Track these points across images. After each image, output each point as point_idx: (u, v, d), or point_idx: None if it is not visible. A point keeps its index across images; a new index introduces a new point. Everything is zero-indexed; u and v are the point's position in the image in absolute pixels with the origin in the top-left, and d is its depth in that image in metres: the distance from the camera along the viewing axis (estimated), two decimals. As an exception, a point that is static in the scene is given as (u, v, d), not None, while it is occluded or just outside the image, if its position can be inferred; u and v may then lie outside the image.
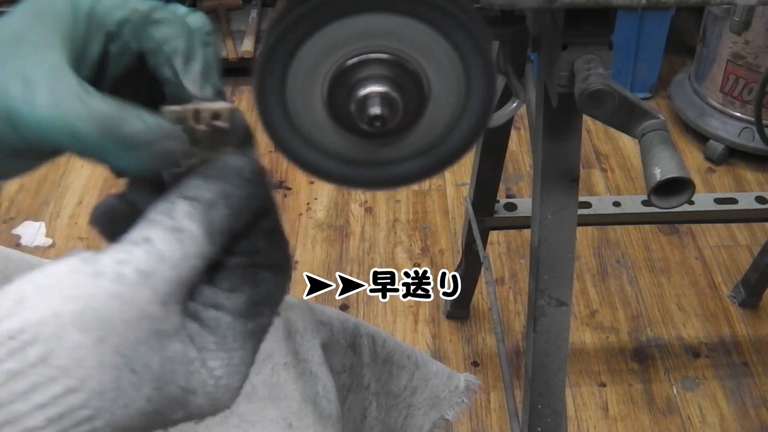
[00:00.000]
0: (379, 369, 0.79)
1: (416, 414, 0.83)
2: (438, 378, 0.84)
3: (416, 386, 0.83)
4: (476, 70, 0.36)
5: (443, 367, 0.86)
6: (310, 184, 2.05)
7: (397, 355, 0.81)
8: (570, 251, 0.86)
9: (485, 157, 1.31)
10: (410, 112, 0.37)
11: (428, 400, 0.84)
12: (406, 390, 0.82)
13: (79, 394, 0.28)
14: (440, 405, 0.84)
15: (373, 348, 0.79)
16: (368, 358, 0.78)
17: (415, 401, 0.83)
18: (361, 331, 0.78)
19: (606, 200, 1.42)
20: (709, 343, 1.64)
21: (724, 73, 2.01)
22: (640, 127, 0.69)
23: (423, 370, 0.83)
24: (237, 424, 0.63)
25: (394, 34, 0.35)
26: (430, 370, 0.84)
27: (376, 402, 0.80)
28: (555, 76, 0.73)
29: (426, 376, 0.83)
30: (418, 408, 0.83)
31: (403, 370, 0.81)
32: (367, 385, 0.79)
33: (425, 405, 0.83)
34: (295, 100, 0.37)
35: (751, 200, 1.44)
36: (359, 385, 0.78)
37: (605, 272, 1.80)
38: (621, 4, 0.66)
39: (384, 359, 0.80)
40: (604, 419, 1.51)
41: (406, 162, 0.39)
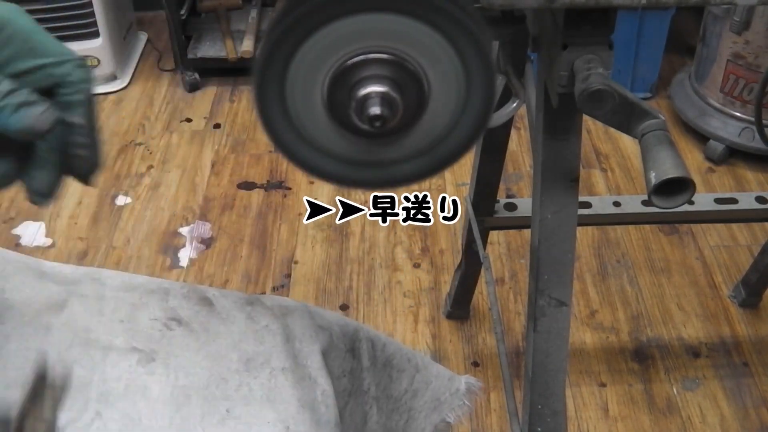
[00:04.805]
0: (379, 373, 0.79)
1: (417, 417, 0.83)
2: (439, 381, 0.84)
3: (417, 389, 0.82)
4: (476, 70, 0.36)
5: (444, 370, 0.86)
6: (310, 184, 2.05)
7: (397, 359, 0.81)
8: (570, 251, 0.86)
9: (485, 157, 1.31)
10: (410, 112, 0.37)
11: (429, 403, 0.83)
12: (407, 393, 0.82)
13: None
14: (441, 408, 0.84)
15: (372, 352, 0.78)
16: (368, 362, 0.78)
17: (416, 404, 0.83)
18: (361, 335, 0.78)
19: (606, 200, 1.42)
20: (709, 343, 1.64)
21: (724, 73, 2.01)
22: (641, 127, 0.69)
23: (423, 373, 0.83)
24: (234, 426, 0.63)
25: (394, 35, 0.35)
26: (430, 373, 0.84)
27: (376, 406, 0.80)
28: (555, 76, 0.73)
29: (427, 379, 0.83)
30: (419, 411, 0.83)
31: (404, 374, 0.81)
32: (368, 390, 0.78)
33: (426, 408, 0.83)
34: (294, 100, 0.37)
35: (751, 200, 1.44)
36: (359, 390, 0.78)
37: (605, 272, 1.80)
38: (621, 4, 0.66)
39: (384, 363, 0.80)
40: (604, 419, 1.51)
41: (406, 162, 0.39)
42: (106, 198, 2.04)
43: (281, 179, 2.08)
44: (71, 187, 2.06)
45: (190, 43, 2.44)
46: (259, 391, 0.65)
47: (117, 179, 2.10)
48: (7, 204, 2.02)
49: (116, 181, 2.09)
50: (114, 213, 2.00)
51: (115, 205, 2.02)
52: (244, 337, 0.69)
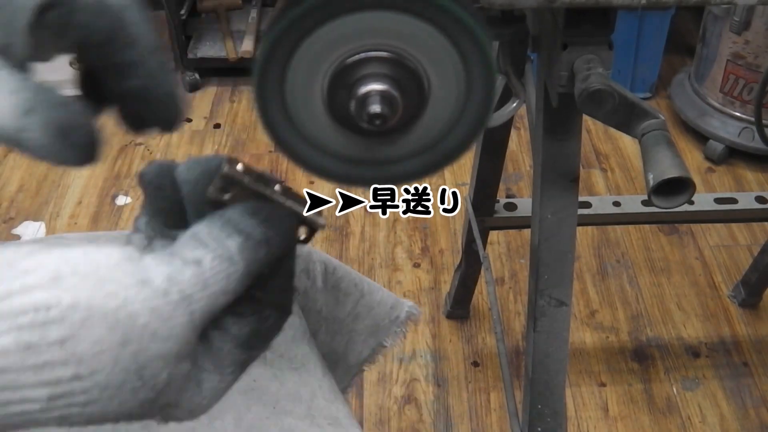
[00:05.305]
0: (328, 294, 0.82)
1: (357, 340, 0.86)
2: (381, 307, 0.87)
3: (359, 313, 0.85)
4: (476, 68, 0.36)
5: (389, 297, 0.88)
6: (310, 183, 2.05)
7: (345, 282, 0.83)
8: (570, 251, 0.86)
9: (485, 157, 1.31)
10: (410, 110, 0.37)
11: (369, 327, 0.86)
12: (350, 316, 0.84)
13: (84, 382, 0.29)
14: (379, 333, 0.87)
15: (324, 274, 0.81)
16: (321, 283, 0.81)
17: (356, 327, 0.85)
18: (314, 257, 0.80)
19: (606, 200, 1.42)
20: (709, 343, 1.64)
21: (724, 73, 2.01)
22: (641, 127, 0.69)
23: (367, 299, 0.85)
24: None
25: (394, 32, 0.35)
26: (374, 299, 0.86)
27: (325, 326, 0.82)
28: (555, 76, 0.73)
29: (369, 304, 0.86)
30: (359, 334, 0.86)
31: (349, 297, 0.84)
32: (320, 310, 0.81)
33: (365, 332, 0.86)
34: (294, 99, 0.37)
35: (751, 200, 1.44)
36: (312, 309, 0.81)
37: (605, 272, 1.80)
38: (621, 4, 0.66)
39: (333, 285, 0.82)
40: (604, 419, 1.51)
41: (406, 160, 0.39)
42: (106, 198, 2.04)
43: (281, 179, 2.07)
44: (71, 187, 2.07)
45: (190, 43, 2.44)
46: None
47: (117, 179, 2.10)
48: (7, 204, 2.02)
49: (116, 180, 2.09)
50: (114, 213, 2.00)
51: (115, 204, 2.02)
52: None
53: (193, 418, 0.34)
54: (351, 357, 0.86)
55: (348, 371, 0.87)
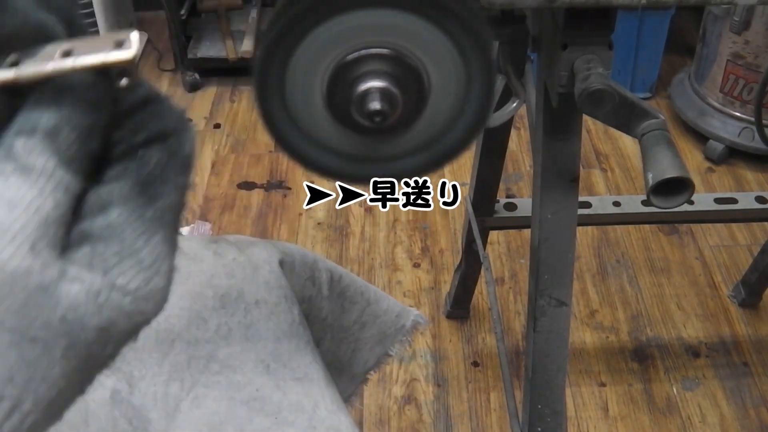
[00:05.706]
0: (333, 302, 0.82)
1: (363, 348, 0.86)
2: (387, 316, 0.87)
3: (365, 322, 0.85)
4: (476, 65, 0.36)
5: (395, 305, 0.89)
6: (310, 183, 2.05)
7: (351, 291, 0.84)
8: (570, 251, 0.86)
9: (485, 157, 1.31)
10: (410, 108, 0.37)
11: (375, 336, 0.87)
12: (356, 325, 0.85)
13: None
14: (385, 341, 0.87)
15: (330, 282, 0.82)
16: (327, 291, 0.81)
17: (363, 336, 0.86)
18: (320, 265, 0.81)
19: (606, 200, 1.42)
20: (709, 343, 1.64)
21: (724, 73, 2.01)
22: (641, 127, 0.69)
23: (373, 307, 0.86)
24: (219, 371, 0.65)
25: (394, 30, 0.35)
26: (380, 308, 0.87)
27: (330, 334, 0.83)
28: (555, 76, 0.73)
29: (376, 313, 0.86)
30: (365, 343, 0.86)
31: (355, 306, 0.84)
32: (325, 318, 0.82)
33: (372, 341, 0.86)
34: (295, 96, 0.37)
35: (751, 200, 1.44)
36: (317, 317, 0.81)
37: (605, 272, 1.80)
38: (621, 4, 0.66)
39: (339, 293, 0.83)
40: (604, 419, 1.51)
41: (405, 158, 0.39)
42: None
43: (281, 179, 2.08)
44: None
45: (190, 43, 2.44)
46: (238, 331, 0.68)
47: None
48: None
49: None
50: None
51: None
52: (215, 272, 0.72)
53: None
54: (356, 365, 0.86)
55: (353, 380, 0.87)
